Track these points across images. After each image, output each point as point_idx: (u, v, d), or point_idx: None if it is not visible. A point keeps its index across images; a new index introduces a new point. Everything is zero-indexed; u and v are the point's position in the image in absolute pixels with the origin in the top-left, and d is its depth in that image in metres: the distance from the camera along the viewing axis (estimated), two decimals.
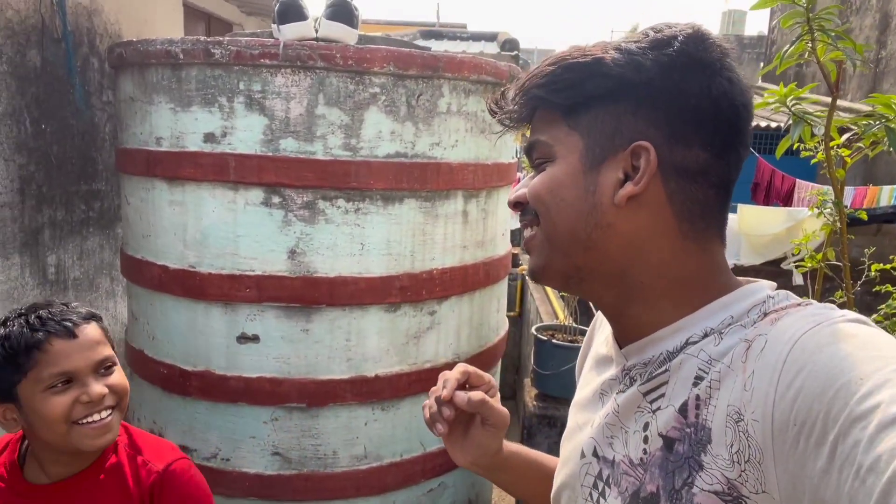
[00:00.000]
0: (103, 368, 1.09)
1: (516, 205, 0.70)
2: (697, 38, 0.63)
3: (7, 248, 2.33)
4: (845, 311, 0.57)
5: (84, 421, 1.04)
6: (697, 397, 0.59)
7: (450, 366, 2.10)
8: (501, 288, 2.38)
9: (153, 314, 2.01)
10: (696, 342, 0.62)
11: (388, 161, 1.83)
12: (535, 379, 2.94)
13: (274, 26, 1.88)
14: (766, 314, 0.59)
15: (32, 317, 1.06)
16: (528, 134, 0.71)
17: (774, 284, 0.64)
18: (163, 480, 1.13)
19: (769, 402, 0.52)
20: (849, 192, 5.49)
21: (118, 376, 1.11)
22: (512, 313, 5.24)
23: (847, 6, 7.79)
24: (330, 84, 1.75)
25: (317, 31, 1.86)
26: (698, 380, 0.60)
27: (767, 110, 1.34)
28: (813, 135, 1.28)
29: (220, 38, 1.76)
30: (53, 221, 2.60)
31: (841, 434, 0.46)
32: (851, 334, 0.52)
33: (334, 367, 1.89)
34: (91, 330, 1.09)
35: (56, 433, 1.03)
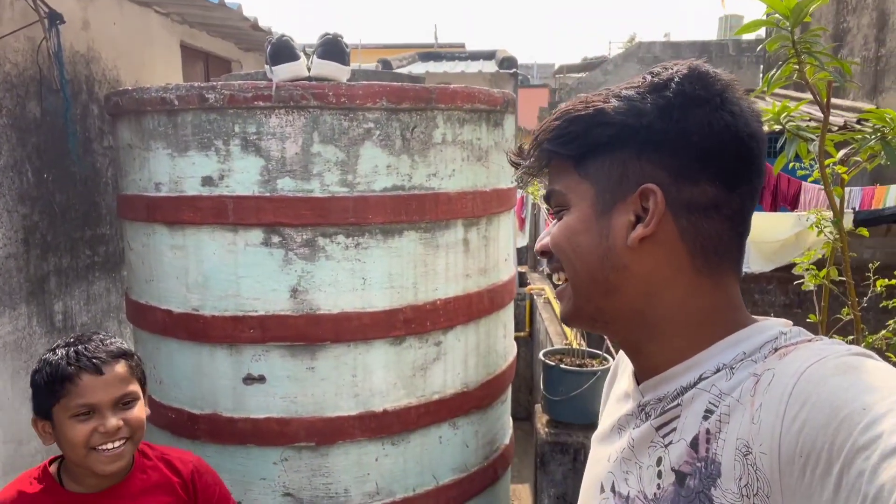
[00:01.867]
0: (123, 403, 1.22)
1: (543, 253, 0.73)
2: (694, 77, 0.63)
3: (14, 298, 2.34)
4: (852, 346, 0.57)
5: (100, 448, 1.18)
6: (708, 431, 0.60)
7: (458, 396, 2.09)
8: (507, 313, 2.37)
9: (159, 359, 2.01)
10: (708, 377, 0.63)
11: (386, 195, 1.83)
12: (545, 405, 2.89)
13: (267, 67, 1.90)
14: (776, 350, 0.59)
15: (72, 350, 1.21)
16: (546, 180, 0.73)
17: (789, 322, 0.64)
18: (198, 467, 1.37)
19: (776, 435, 0.52)
20: (857, 193, 5.44)
21: (136, 411, 1.23)
22: (522, 334, 5.20)
23: (843, 6, 7.79)
24: (324, 122, 1.76)
25: (309, 70, 1.88)
26: (708, 413, 0.60)
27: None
28: (809, 151, 1.27)
29: (214, 83, 1.78)
30: (59, 269, 2.61)
31: (845, 465, 0.47)
32: (855, 366, 0.52)
33: (342, 404, 1.88)
34: (119, 367, 1.22)
35: (76, 455, 1.18)
